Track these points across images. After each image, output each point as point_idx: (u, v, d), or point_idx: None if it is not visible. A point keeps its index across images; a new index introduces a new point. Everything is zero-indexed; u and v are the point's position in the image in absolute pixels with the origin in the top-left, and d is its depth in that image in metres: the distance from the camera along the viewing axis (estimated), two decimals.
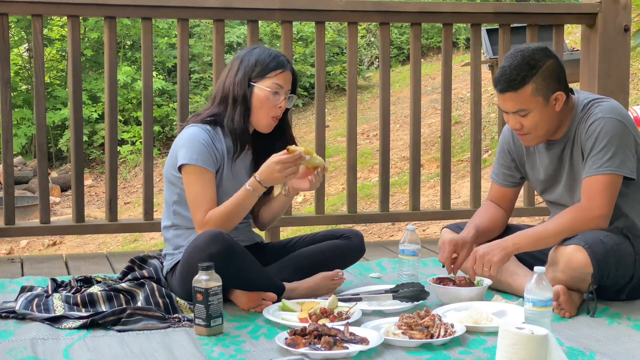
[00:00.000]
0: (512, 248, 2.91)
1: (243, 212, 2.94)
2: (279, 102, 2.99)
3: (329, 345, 2.41)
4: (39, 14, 3.90)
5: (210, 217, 2.90)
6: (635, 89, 7.98)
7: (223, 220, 2.91)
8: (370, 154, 8.68)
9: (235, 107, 2.99)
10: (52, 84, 11.59)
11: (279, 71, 2.99)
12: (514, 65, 2.88)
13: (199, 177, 2.92)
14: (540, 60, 2.89)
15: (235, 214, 2.93)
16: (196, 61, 11.67)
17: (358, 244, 3.20)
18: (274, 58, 3.01)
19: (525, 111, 2.89)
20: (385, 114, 4.33)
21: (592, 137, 2.89)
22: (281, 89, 3.00)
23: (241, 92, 2.98)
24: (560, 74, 2.92)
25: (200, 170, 2.92)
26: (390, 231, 6.10)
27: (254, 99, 2.99)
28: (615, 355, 2.46)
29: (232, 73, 3.02)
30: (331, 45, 12.48)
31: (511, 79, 2.87)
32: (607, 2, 4.38)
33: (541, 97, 2.88)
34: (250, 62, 3.00)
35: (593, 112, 2.92)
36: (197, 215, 2.92)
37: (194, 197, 2.92)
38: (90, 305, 2.88)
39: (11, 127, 3.92)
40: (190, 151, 2.93)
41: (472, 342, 2.56)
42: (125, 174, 10.43)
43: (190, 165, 2.92)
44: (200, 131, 2.97)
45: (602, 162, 2.86)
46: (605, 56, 4.40)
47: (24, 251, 7.38)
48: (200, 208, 2.91)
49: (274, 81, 2.98)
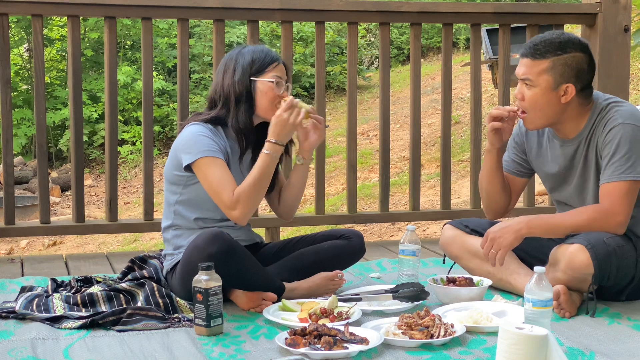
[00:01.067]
0: (525, 231, 2.88)
1: (268, 179, 2.96)
2: (281, 91, 3.05)
3: (329, 345, 2.41)
4: (39, 14, 3.90)
5: (239, 193, 2.90)
6: (635, 89, 7.98)
7: (252, 192, 2.91)
8: (370, 154, 8.68)
9: (239, 106, 3.01)
10: (52, 84, 11.59)
11: (275, 64, 3.05)
12: (547, 38, 2.90)
13: (213, 165, 2.93)
14: (572, 47, 2.89)
15: (261, 182, 2.94)
16: (196, 61, 11.67)
17: (358, 244, 3.20)
18: (267, 54, 3.07)
19: (531, 82, 2.89)
20: (385, 114, 4.33)
21: (613, 143, 2.87)
22: (281, 80, 3.05)
23: (244, 90, 3.01)
24: (582, 72, 2.90)
25: (211, 159, 2.93)
26: (390, 231, 6.10)
27: (257, 94, 3.02)
28: (615, 355, 2.46)
29: (229, 74, 3.03)
30: (331, 45, 12.49)
31: (536, 47, 2.89)
32: (607, 2, 4.38)
33: (552, 78, 2.87)
34: (246, 61, 3.03)
35: (612, 116, 2.89)
36: (224, 197, 2.91)
37: (215, 184, 2.92)
38: (90, 305, 2.88)
39: (11, 127, 3.92)
40: (196, 147, 2.93)
41: (472, 342, 2.56)
42: (125, 174, 10.43)
43: (200, 159, 2.93)
44: (200, 127, 2.98)
45: (624, 168, 2.85)
46: (605, 56, 4.40)
47: (24, 251, 7.38)
48: (224, 190, 2.91)
49: (273, 74, 3.04)
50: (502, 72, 4.48)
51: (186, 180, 3.01)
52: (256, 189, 2.93)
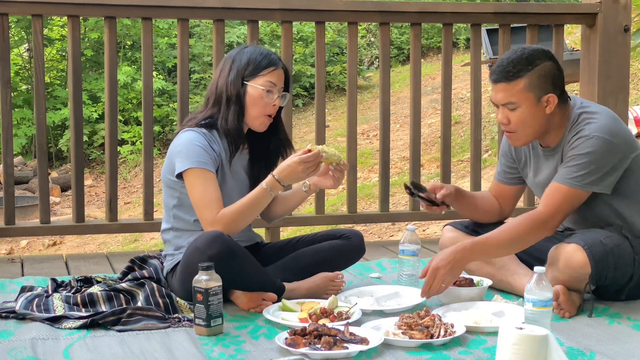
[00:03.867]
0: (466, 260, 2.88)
1: (257, 210, 2.94)
2: (272, 100, 2.99)
3: (329, 345, 2.41)
4: (39, 14, 3.90)
5: (223, 215, 2.88)
6: (635, 89, 7.98)
7: (236, 219, 2.89)
8: (370, 154, 8.68)
9: (229, 107, 2.99)
10: (52, 84, 11.59)
11: (271, 69, 2.99)
12: (512, 58, 2.90)
13: (201, 178, 2.91)
14: (539, 58, 2.89)
15: (249, 212, 2.91)
16: (196, 61, 11.67)
17: (358, 243, 3.20)
18: (266, 56, 3.01)
19: (514, 104, 2.90)
20: (385, 114, 4.33)
21: (574, 152, 2.88)
22: (274, 87, 3.00)
23: (234, 91, 2.98)
24: (556, 78, 2.92)
25: (201, 171, 2.91)
26: (390, 231, 6.10)
27: (247, 98, 2.99)
28: (615, 355, 2.46)
29: (225, 74, 3.02)
30: (331, 45, 12.48)
31: (507, 70, 2.88)
32: (607, 2, 4.38)
33: (533, 94, 2.88)
34: (242, 62, 3.00)
35: (582, 129, 2.89)
36: (206, 214, 2.89)
37: (200, 198, 2.90)
38: (90, 305, 2.88)
39: (11, 127, 3.92)
40: (187, 156, 2.92)
41: (472, 342, 2.56)
42: (126, 174, 10.43)
43: (190, 170, 2.91)
44: (196, 135, 2.96)
45: (574, 175, 2.86)
46: (605, 56, 4.40)
47: (24, 251, 7.38)
48: (208, 207, 2.89)
49: (267, 79, 2.98)
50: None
51: (181, 185, 3.00)
52: (241, 217, 2.90)
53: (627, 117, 4.57)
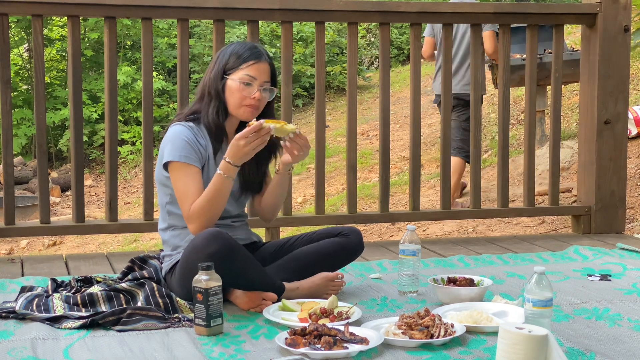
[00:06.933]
0: None
1: (222, 198, 2.91)
2: (251, 93, 2.96)
3: (329, 345, 2.41)
4: (39, 14, 3.90)
5: (194, 208, 2.89)
6: (635, 89, 7.98)
7: (204, 209, 2.89)
8: (370, 154, 8.68)
9: (211, 103, 3.00)
10: (52, 84, 11.60)
11: (251, 62, 2.97)
12: None
13: (183, 172, 2.92)
14: None
15: (214, 201, 2.89)
16: (196, 61, 11.67)
17: (356, 241, 3.19)
18: (249, 49, 2.99)
19: None
20: (385, 114, 4.33)
21: None
22: (254, 80, 2.97)
23: (215, 86, 2.99)
24: None
25: (183, 165, 2.93)
26: (390, 231, 6.10)
27: (226, 91, 2.99)
28: (615, 355, 2.46)
29: (210, 68, 3.03)
30: (331, 45, 12.49)
31: None
32: (607, 2, 4.38)
33: None
34: (225, 56, 3.01)
35: None
36: (184, 208, 2.92)
37: (181, 192, 2.93)
38: (90, 305, 2.88)
39: (11, 127, 3.92)
40: (173, 149, 2.94)
41: (472, 342, 2.56)
42: (125, 174, 10.44)
43: (174, 162, 2.94)
44: (183, 129, 2.98)
45: None
46: (605, 56, 4.40)
47: (24, 251, 7.38)
48: (185, 201, 2.91)
49: (246, 72, 2.96)
50: (502, 72, 4.48)
51: None
52: (209, 207, 2.89)
53: (627, 117, 4.56)
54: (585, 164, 4.57)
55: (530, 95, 4.49)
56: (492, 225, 5.75)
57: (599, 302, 3.03)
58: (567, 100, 8.32)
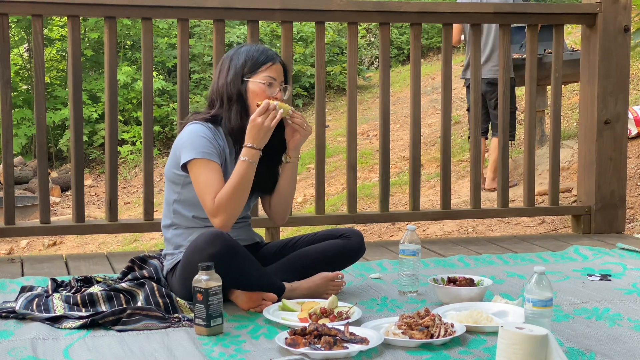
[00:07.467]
0: None
1: (247, 185, 2.92)
2: (274, 93, 3.01)
3: (329, 345, 2.41)
4: (39, 14, 3.90)
5: (219, 200, 2.88)
6: (635, 89, 7.98)
7: (231, 199, 2.88)
8: (370, 154, 8.69)
9: (232, 107, 3.00)
10: (52, 84, 11.60)
11: (269, 64, 3.01)
12: None
13: (206, 168, 2.92)
14: None
15: (240, 189, 2.90)
16: (196, 61, 11.68)
17: (358, 243, 3.19)
18: (262, 52, 3.03)
19: None
20: (385, 114, 4.33)
21: None
22: (274, 81, 3.02)
23: (235, 90, 3.00)
24: None
25: (205, 162, 2.92)
26: (390, 231, 6.10)
27: (249, 94, 3.00)
28: (615, 355, 2.45)
29: (224, 74, 3.03)
30: (331, 45, 12.49)
31: None
32: (607, 2, 4.38)
33: None
34: (240, 60, 3.01)
35: None
36: (207, 202, 2.90)
37: (202, 187, 2.91)
38: (90, 305, 2.88)
39: (11, 127, 3.92)
40: (192, 147, 2.93)
41: (472, 342, 2.56)
42: (125, 174, 10.44)
43: (194, 160, 2.92)
44: (201, 127, 2.98)
45: None
46: (605, 56, 4.40)
47: (24, 251, 7.38)
48: (207, 196, 2.89)
49: (267, 74, 3.00)
50: (502, 72, 4.48)
51: (184, 180, 3.00)
52: (235, 196, 2.90)
53: (627, 117, 4.57)
54: (585, 164, 4.57)
55: (530, 95, 4.49)
56: (492, 225, 5.75)
57: (599, 302, 3.03)
58: (567, 100, 8.33)
